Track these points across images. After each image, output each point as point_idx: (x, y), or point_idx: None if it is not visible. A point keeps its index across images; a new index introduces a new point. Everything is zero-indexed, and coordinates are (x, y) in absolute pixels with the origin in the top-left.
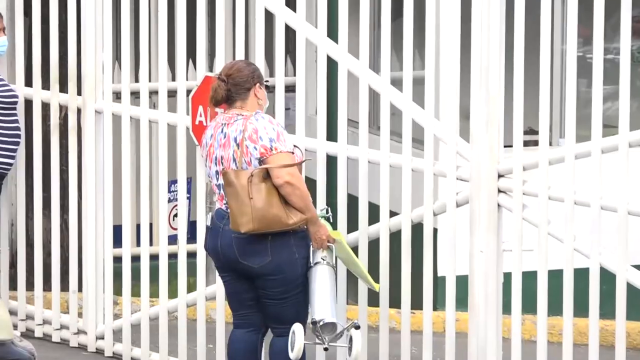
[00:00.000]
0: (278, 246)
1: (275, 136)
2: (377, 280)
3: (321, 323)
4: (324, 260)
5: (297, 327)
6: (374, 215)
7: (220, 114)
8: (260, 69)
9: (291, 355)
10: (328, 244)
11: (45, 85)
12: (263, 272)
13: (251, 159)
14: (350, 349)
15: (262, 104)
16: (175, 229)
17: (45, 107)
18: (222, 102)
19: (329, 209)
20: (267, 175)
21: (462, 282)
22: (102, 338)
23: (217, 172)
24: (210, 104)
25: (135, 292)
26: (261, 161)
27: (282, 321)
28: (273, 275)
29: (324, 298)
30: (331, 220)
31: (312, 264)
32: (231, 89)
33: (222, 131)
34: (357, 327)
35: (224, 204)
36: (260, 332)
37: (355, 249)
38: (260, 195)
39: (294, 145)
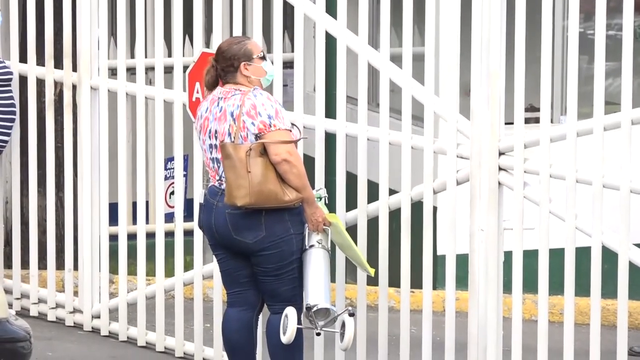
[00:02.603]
0: (272, 221)
1: (273, 113)
2: (375, 260)
3: (315, 308)
4: (319, 243)
5: (290, 311)
6: (373, 193)
7: (217, 88)
8: (251, 44)
9: (283, 339)
10: (324, 226)
11: (40, 61)
12: (258, 248)
13: (247, 134)
14: (342, 335)
15: (253, 80)
16: (172, 207)
17: (40, 83)
18: (214, 86)
19: (325, 189)
20: (264, 151)
21: (462, 261)
22: (98, 317)
23: (210, 146)
24: (206, 88)
25: (132, 270)
26: (258, 137)
27: (278, 298)
28: (268, 250)
29: (318, 283)
30: (327, 202)
31: (307, 247)
32: (219, 71)
33: (217, 105)
34: (351, 315)
35: (217, 180)
36: (254, 310)
37: (354, 228)
38: (258, 169)
39: (292, 124)
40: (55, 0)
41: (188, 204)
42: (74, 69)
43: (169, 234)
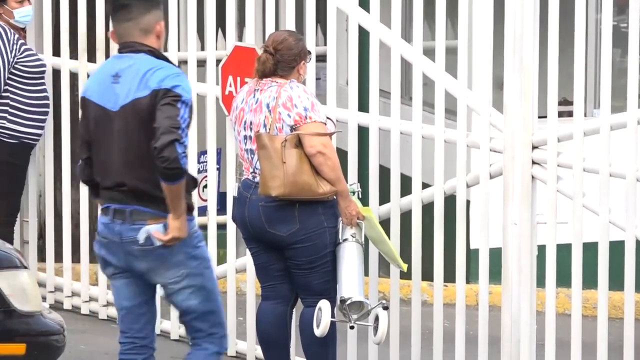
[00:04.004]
0: (305, 214)
1: (309, 105)
2: (408, 254)
3: (349, 302)
4: (353, 237)
5: (323, 304)
6: (406, 187)
7: (253, 80)
8: (305, 42)
9: (316, 332)
10: (357, 220)
11: (74, 54)
12: (291, 241)
13: (283, 126)
14: (375, 328)
15: (302, 78)
16: (205, 200)
17: (74, 76)
18: (270, 76)
19: (359, 184)
20: (299, 143)
21: (496, 255)
22: None
23: (245, 137)
24: (256, 75)
25: None
26: (293, 129)
27: (311, 291)
28: (301, 243)
29: (352, 276)
30: (360, 197)
31: (340, 240)
32: (277, 64)
33: (254, 96)
34: (385, 308)
35: (251, 173)
36: (288, 304)
37: (386, 221)
38: (293, 160)
39: (327, 117)
40: None
41: (221, 197)
42: None
43: (202, 228)
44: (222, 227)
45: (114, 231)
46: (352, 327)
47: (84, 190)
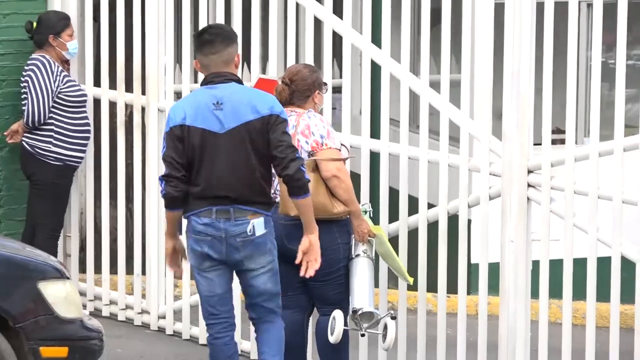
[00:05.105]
0: (321, 232)
1: (325, 133)
2: (414, 268)
3: (360, 312)
4: (364, 253)
5: (337, 314)
6: (413, 207)
7: None
8: (321, 74)
9: (331, 339)
10: (369, 238)
11: (112, 85)
12: None
13: (301, 152)
14: (384, 336)
15: (318, 108)
16: None
17: (112, 105)
18: (287, 105)
19: (370, 204)
20: (316, 167)
21: (494, 269)
22: (164, 317)
23: None
24: None
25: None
26: (311, 154)
27: (326, 302)
28: None
29: (364, 289)
30: (371, 216)
31: (353, 256)
32: (292, 94)
33: None
34: (393, 317)
35: (272, 194)
36: (305, 312)
37: (395, 238)
38: (310, 183)
39: (341, 144)
40: (126, 29)
41: None
42: (143, 92)
43: None
44: None
45: (219, 228)
46: (363, 335)
47: (120, 208)
